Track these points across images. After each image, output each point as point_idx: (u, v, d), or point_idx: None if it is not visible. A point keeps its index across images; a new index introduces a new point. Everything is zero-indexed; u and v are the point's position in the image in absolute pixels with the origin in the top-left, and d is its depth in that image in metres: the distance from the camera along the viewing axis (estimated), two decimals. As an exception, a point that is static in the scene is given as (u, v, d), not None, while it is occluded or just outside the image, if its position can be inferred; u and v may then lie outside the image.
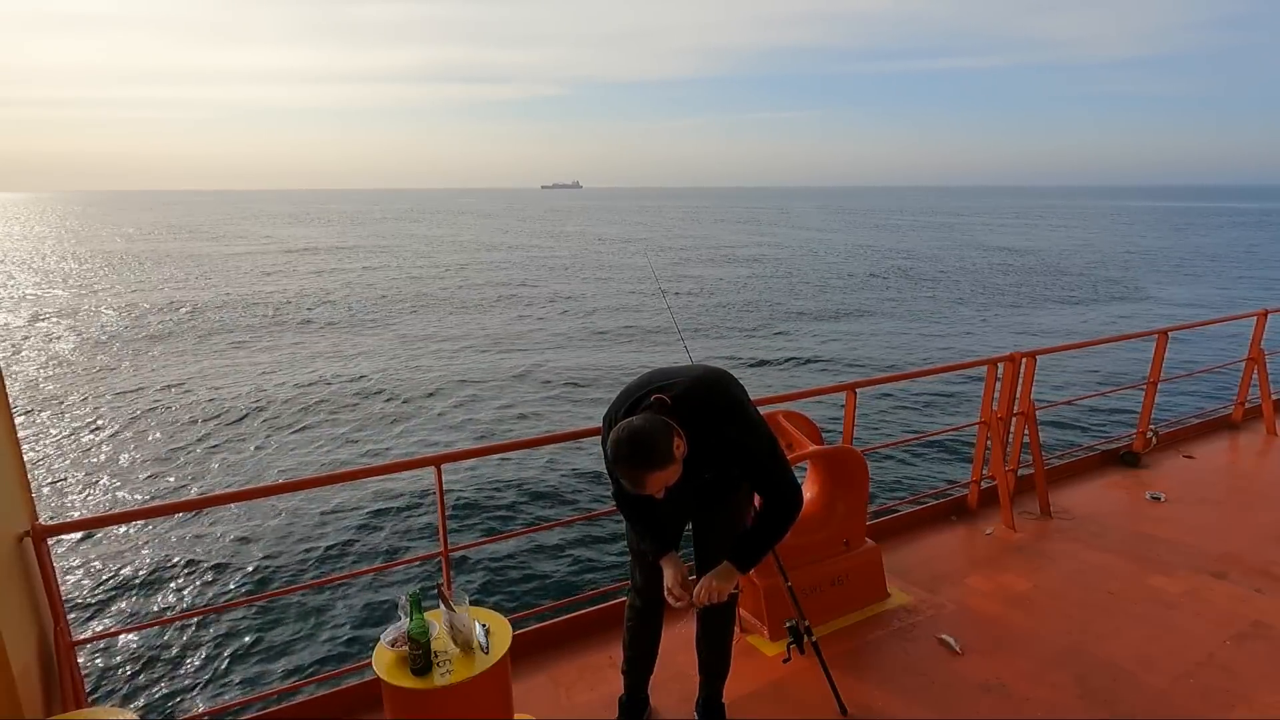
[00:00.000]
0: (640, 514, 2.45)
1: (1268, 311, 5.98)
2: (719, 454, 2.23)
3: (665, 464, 2.06)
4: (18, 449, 2.31)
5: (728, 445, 2.23)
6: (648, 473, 2.05)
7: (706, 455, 2.22)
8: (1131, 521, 4.42)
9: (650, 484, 2.07)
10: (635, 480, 2.06)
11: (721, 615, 2.63)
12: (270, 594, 3.41)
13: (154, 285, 29.99)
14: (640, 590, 2.64)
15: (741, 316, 21.92)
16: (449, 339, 19.09)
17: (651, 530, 2.45)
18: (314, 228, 74.15)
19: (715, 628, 2.65)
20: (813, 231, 63.02)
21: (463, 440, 11.53)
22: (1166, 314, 22.09)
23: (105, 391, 14.27)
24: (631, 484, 2.08)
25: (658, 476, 2.06)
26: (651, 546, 2.44)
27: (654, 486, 2.08)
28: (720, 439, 2.21)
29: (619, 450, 2.06)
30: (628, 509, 2.47)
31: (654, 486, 2.08)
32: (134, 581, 7.32)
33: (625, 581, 2.78)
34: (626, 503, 2.45)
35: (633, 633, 2.70)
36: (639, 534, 2.48)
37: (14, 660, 2.14)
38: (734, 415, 2.25)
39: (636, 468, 2.04)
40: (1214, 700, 2.87)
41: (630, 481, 2.07)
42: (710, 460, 2.24)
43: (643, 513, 2.44)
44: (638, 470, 2.05)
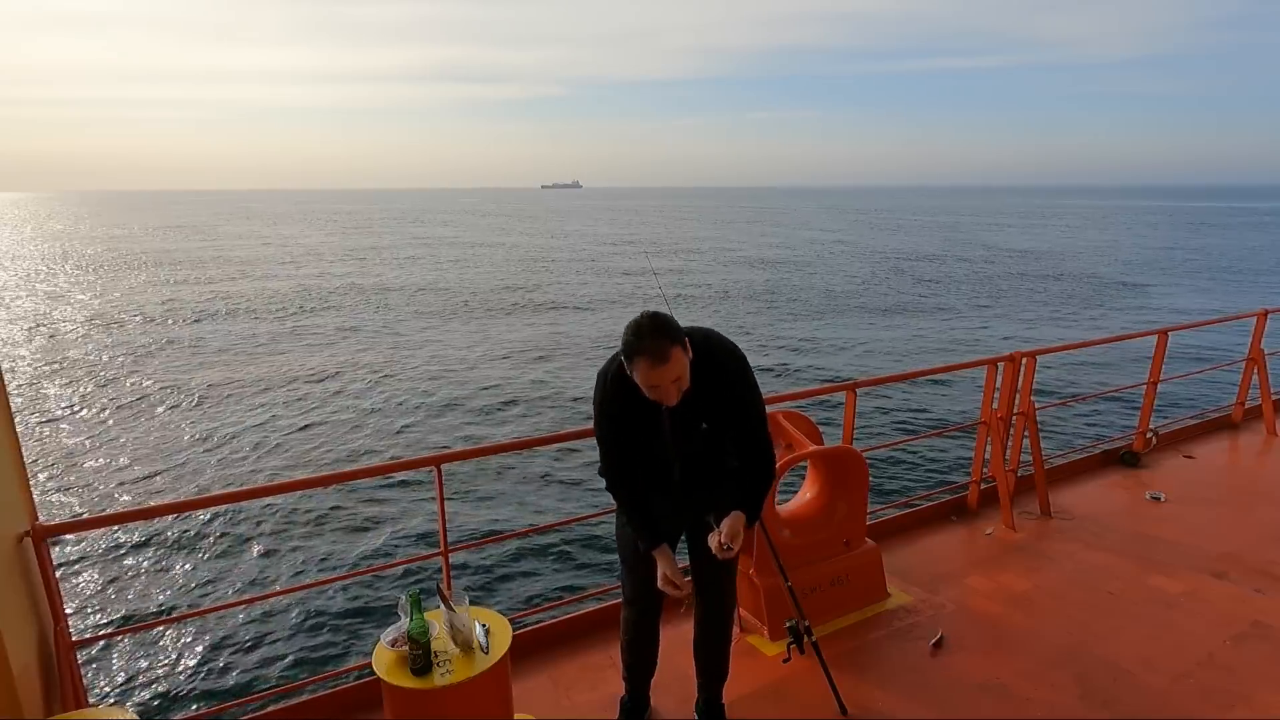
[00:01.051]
0: (638, 498, 2.40)
1: (1268, 311, 5.98)
2: (721, 405, 2.26)
3: (683, 347, 2.06)
4: (18, 449, 2.31)
5: (733, 399, 2.27)
6: (671, 345, 2.02)
7: (709, 404, 2.24)
8: (1131, 521, 4.42)
9: (671, 365, 2.03)
10: (658, 354, 2.01)
11: (719, 618, 2.63)
12: (270, 594, 3.41)
13: (154, 285, 29.99)
14: (633, 601, 2.63)
15: (742, 316, 21.91)
16: (449, 339, 19.09)
17: (649, 518, 2.39)
18: (315, 228, 74.17)
19: (713, 631, 2.65)
20: (813, 231, 63.03)
21: (463, 440, 11.53)
22: (1166, 314, 22.09)
23: (105, 391, 14.27)
24: (653, 360, 2.01)
25: (677, 358, 2.04)
26: (646, 536, 2.38)
27: (671, 373, 2.04)
28: (729, 392, 2.26)
29: (641, 328, 2.03)
30: (625, 491, 2.39)
31: (671, 373, 2.04)
32: (134, 581, 7.32)
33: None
34: (624, 484, 2.38)
35: (631, 642, 2.71)
36: (635, 522, 2.39)
37: (14, 660, 2.14)
38: (743, 373, 2.29)
39: (660, 338, 2.01)
40: (1214, 700, 2.87)
41: (653, 357, 2.01)
42: (711, 410, 2.26)
43: (640, 497, 2.39)
44: (661, 342, 2.01)
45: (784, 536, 3.29)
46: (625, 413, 2.28)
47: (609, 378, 2.27)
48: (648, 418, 2.27)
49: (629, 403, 2.24)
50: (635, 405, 2.23)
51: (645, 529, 2.39)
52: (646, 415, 2.26)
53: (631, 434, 2.32)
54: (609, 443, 2.37)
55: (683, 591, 2.34)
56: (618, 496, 2.44)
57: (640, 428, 2.30)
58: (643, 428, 2.30)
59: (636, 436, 2.33)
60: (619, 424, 2.31)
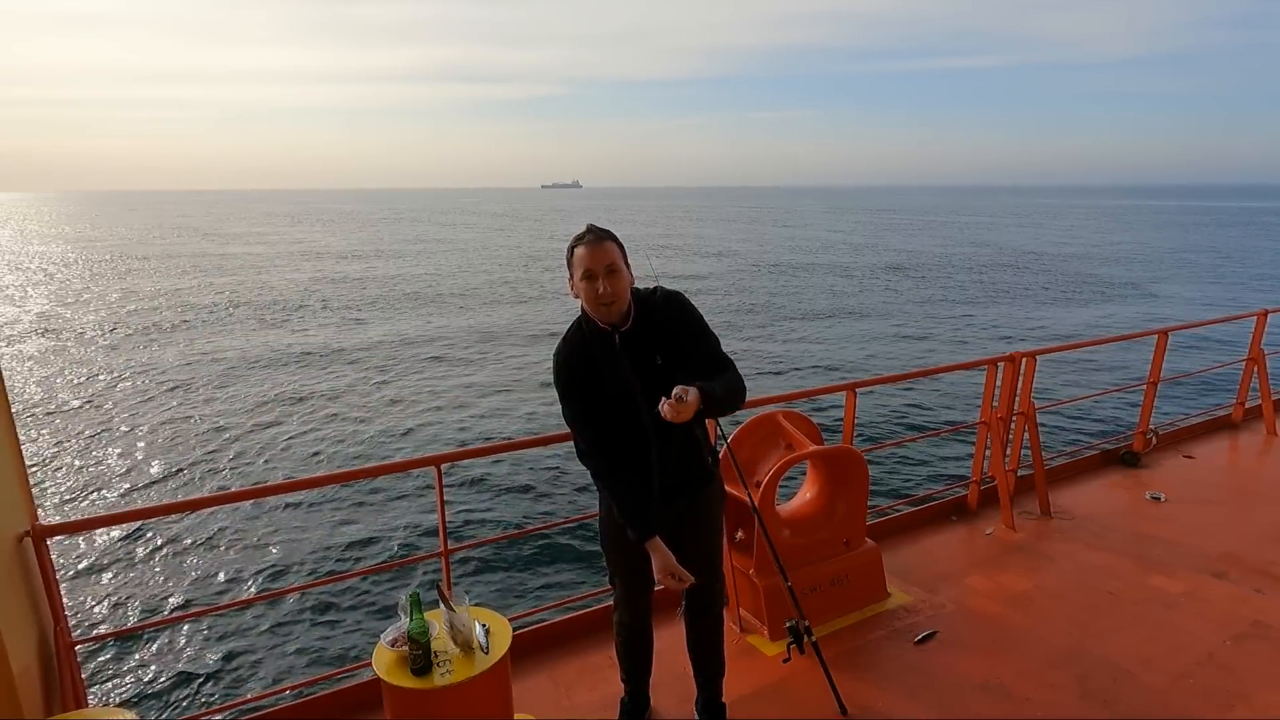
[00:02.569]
0: (623, 479, 2.32)
1: (1268, 311, 5.98)
2: (674, 335, 2.32)
3: (620, 248, 2.26)
4: (18, 449, 2.31)
5: (686, 332, 2.33)
6: (607, 237, 2.23)
7: (658, 336, 2.30)
8: (1131, 521, 4.42)
9: (606, 249, 2.20)
10: (595, 239, 2.21)
11: (710, 616, 2.64)
12: (270, 594, 3.41)
13: (154, 285, 29.99)
14: (624, 603, 2.63)
15: (742, 316, 21.92)
16: (449, 339, 19.09)
17: (640, 505, 2.32)
18: (316, 228, 74.17)
19: (707, 629, 2.65)
20: (815, 231, 63.02)
21: (463, 440, 11.53)
22: (1166, 314, 22.08)
23: (106, 391, 14.28)
24: (590, 245, 2.20)
25: (611, 247, 2.22)
26: (638, 525, 2.30)
27: (606, 255, 2.20)
28: (680, 320, 2.33)
29: (586, 228, 2.25)
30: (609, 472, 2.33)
31: (606, 255, 2.20)
32: (134, 581, 7.32)
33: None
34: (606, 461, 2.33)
35: (625, 644, 2.71)
36: (626, 510, 2.31)
37: (14, 660, 2.14)
38: (689, 308, 2.38)
39: (602, 230, 2.24)
40: (1214, 700, 2.87)
41: (590, 243, 2.21)
42: (665, 344, 2.30)
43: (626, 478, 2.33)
44: (599, 232, 2.23)
45: (784, 536, 3.29)
46: (586, 361, 2.31)
47: (564, 340, 2.36)
48: (608, 362, 2.29)
49: (587, 350, 2.30)
50: (593, 352, 2.30)
51: (637, 517, 2.31)
52: (605, 359, 2.30)
53: (597, 388, 2.30)
54: (581, 411, 2.33)
55: (685, 583, 2.31)
56: (605, 480, 2.36)
57: (603, 377, 2.29)
58: (606, 376, 2.29)
59: (603, 390, 2.30)
60: (582, 384, 2.31)
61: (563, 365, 2.32)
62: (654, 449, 2.36)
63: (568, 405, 2.36)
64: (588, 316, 2.31)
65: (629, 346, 2.29)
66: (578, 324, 2.35)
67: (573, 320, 2.39)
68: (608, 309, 2.23)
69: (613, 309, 2.24)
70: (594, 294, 2.21)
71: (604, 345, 2.29)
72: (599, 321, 2.29)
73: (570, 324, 2.38)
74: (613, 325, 2.28)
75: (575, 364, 2.31)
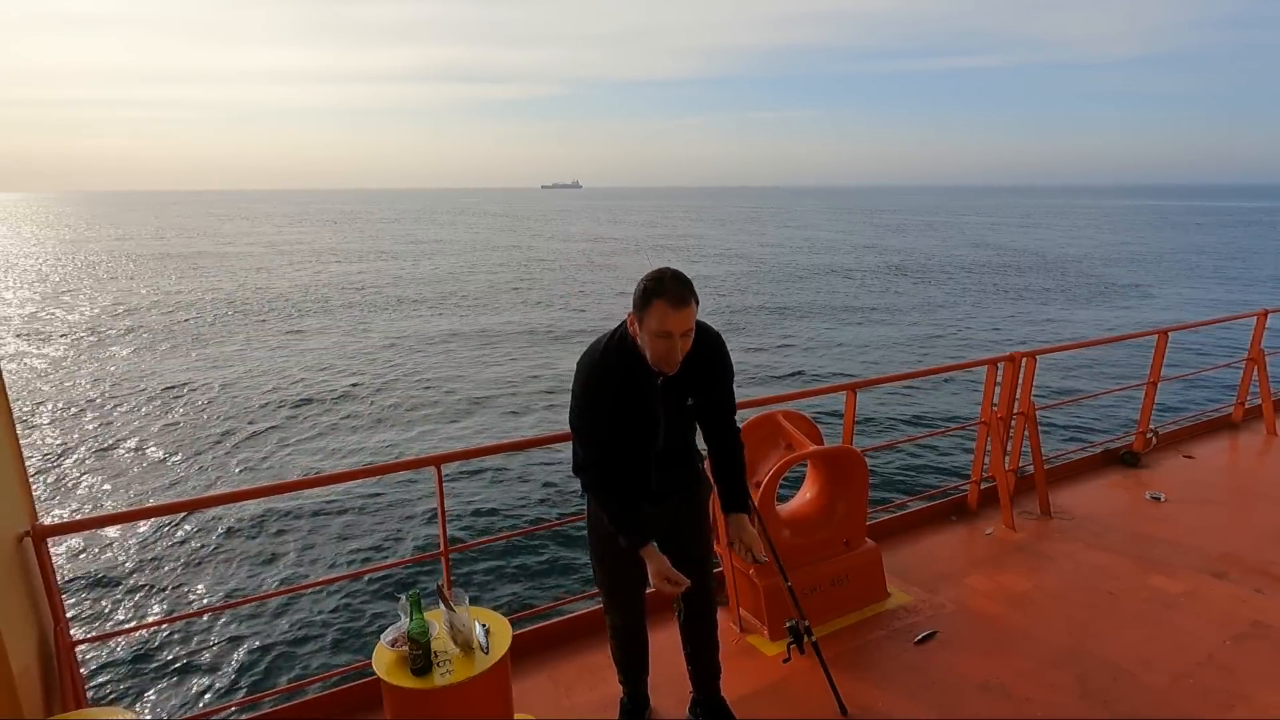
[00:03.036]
0: (620, 494, 2.32)
1: (1268, 311, 5.97)
2: (709, 381, 2.36)
3: (696, 304, 2.16)
4: (18, 449, 2.31)
5: (718, 379, 2.39)
6: (691, 294, 2.12)
7: (697, 380, 2.32)
8: (1131, 521, 4.42)
9: (686, 313, 2.11)
10: (679, 297, 2.09)
11: (707, 620, 2.64)
12: (270, 594, 3.41)
13: (154, 286, 30.00)
14: (616, 606, 2.63)
15: (743, 316, 21.91)
16: (449, 339, 19.09)
17: (634, 516, 2.32)
18: (316, 228, 74.18)
19: (704, 631, 2.65)
20: (816, 231, 63.01)
21: (463, 440, 11.53)
22: (1166, 314, 22.08)
23: (105, 392, 14.27)
24: (673, 303, 2.08)
25: (692, 309, 2.13)
26: (632, 534, 2.31)
27: (685, 321, 2.11)
28: (720, 367, 2.37)
29: (664, 274, 2.12)
30: (607, 488, 2.32)
31: (685, 321, 2.11)
32: (134, 581, 7.32)
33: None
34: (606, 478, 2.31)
35: (622, 648, 2.71)
36: (619, 519, 2.31)
37: (14, 660, 2.14)
38: (727, 355, 2.42)
39: (682, 285, 2.11)
40: (1214, 700, 2.87)
41: (673, 299, 2.08)
42: (699, 385, 2.34)
43: (623, 493, 2.33)
44: (683, 289, 2.10)
45: (784, 536, 3.29)
46: (622, 389, 2.24)
47: (602, 350, 2.26)
48: (640, 395, 2.26)
49: (626, 378, 2.24)
50: (630, 381, 2.24)
51: (631, 526, 2.31)
52: (639, 392, 2.26)
53: (623, 414, 2.26)
54: (597, 428, 2.28)
55: (681, 586, 2.30)
56: (599, 494, 2.35)
57: (632, 405, 2.27)
58: (635, 405, 2.27)
59: (627, 417, 2.27)
60: (612, 402, 2.24)
61: (596, 380, 2.26)
62: (652, 465, 2.39)
63: (585, 417, 2.30)
64: (635, 348, 2.22)
65: (667, 387, 2.28)
66: (621, 346, 2.25)
67: (613, 333, 2.29)
68: (666, 365, 2.19)
69: (671, 366, 2.19)
70: (661, 354, 2.15)
71: (644, 380, 2.26)
72: (649, 364, 2.22)
73: (609, 336, 2.29)
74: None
75: (608, 383, 2.24)
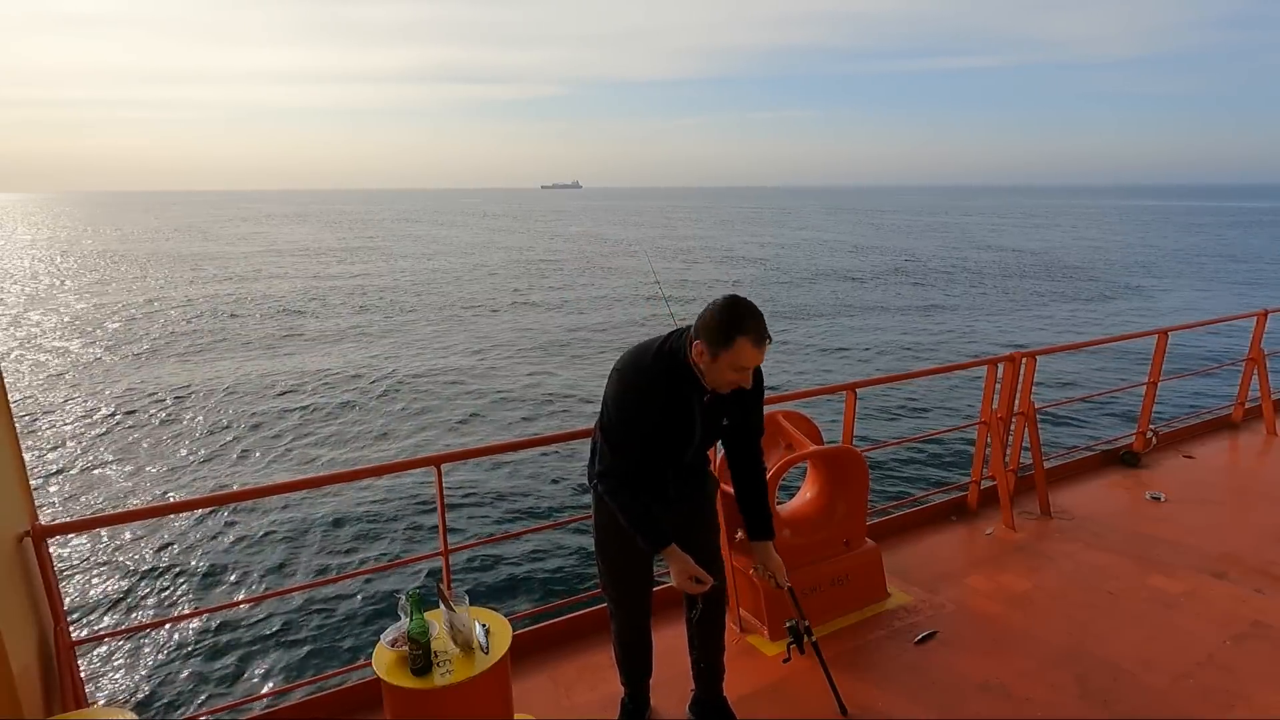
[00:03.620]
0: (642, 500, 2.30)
1: (1268, 311, 5.97)
2: (750, 403, 2.40)
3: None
4: (18, 449, 2.31)
5: (756, 398, 2.41)
6: (768, 337, 2.15)
7: (739, 401, 2.35)
8: (1131, 521, 4.42)
9: (765, 349, 2.14)
10: (763, 333, 2.12)
11: (717, 622, 2.64)
12: (270, 594, 3.41)
13: (154, 286, 30.00)
14: (623, 605, 2.63)
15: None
16: (449, 339, 19.10)
17: (655, 521, 2.31)
18: (316, 229, 74.18)
19: (714, 632, 2.65)
20: (815, 231, 63.02)
21: (463, 440, 11.53)
22: (1166, 314, 22.08)
23: (105, 392, 14.27)
24: (758, 340, 2.11)
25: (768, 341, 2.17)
26: (653, 537, 2.30)
27: (761, 358, 2.16)
28: (759, 390, 2.40)
29: (748, 306, 2.12)
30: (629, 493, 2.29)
31: (761, 358, 2.16)
32: (134, 581, 7.32)
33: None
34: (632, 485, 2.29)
35: (625, 645, 2.71)
36: (641, 521, 2.29)
37: (14, 660, 2.14)
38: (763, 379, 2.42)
39: (763, 320, 2.14)
40: (1214, 700, 2.87)
41: (759, 336, 2.11)
42: (739, 406, 2.37)
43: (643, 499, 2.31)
44: (764, 326, 2.13)
45: (784, 536, 3.29)
46: (668, 403, 2.24)
47: (651, 361, 2.24)
48: (684, 410, 2.28)
49: (674, 392, 2.24)
50: (677, 396, 2.25)
51: (653, 528, 2.30)
52: (684, 407, 2.27)
53: (663, 426, 2.27)
54: (635, 438, 2.26)
55: (705, 585, 2.32)
56: (620, 497, 2.31)
57: (674, 420, 2.28)
58: (677, 420, 2.29)
59: (666, 429, 2.28)
60: (655, 415, 2.23)
61: (642, 391, 2.23)
62: (674, 475, 2.44)
63: (624, 426, 2.26)
64: (690, 363, 2.21)
65: (711, 405, 2.31)
66: (674, 360, 2.23)
67: (660, 344, 2.27)
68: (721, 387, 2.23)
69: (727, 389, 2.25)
70: (727, 383, 2.19)
71: (691, 396, 2.27)
72: (701, 381, 2.24)
73: (657, 347, 2.27)
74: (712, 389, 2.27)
75: (655, 396, 2.23)
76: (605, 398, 2.32)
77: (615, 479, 2.31)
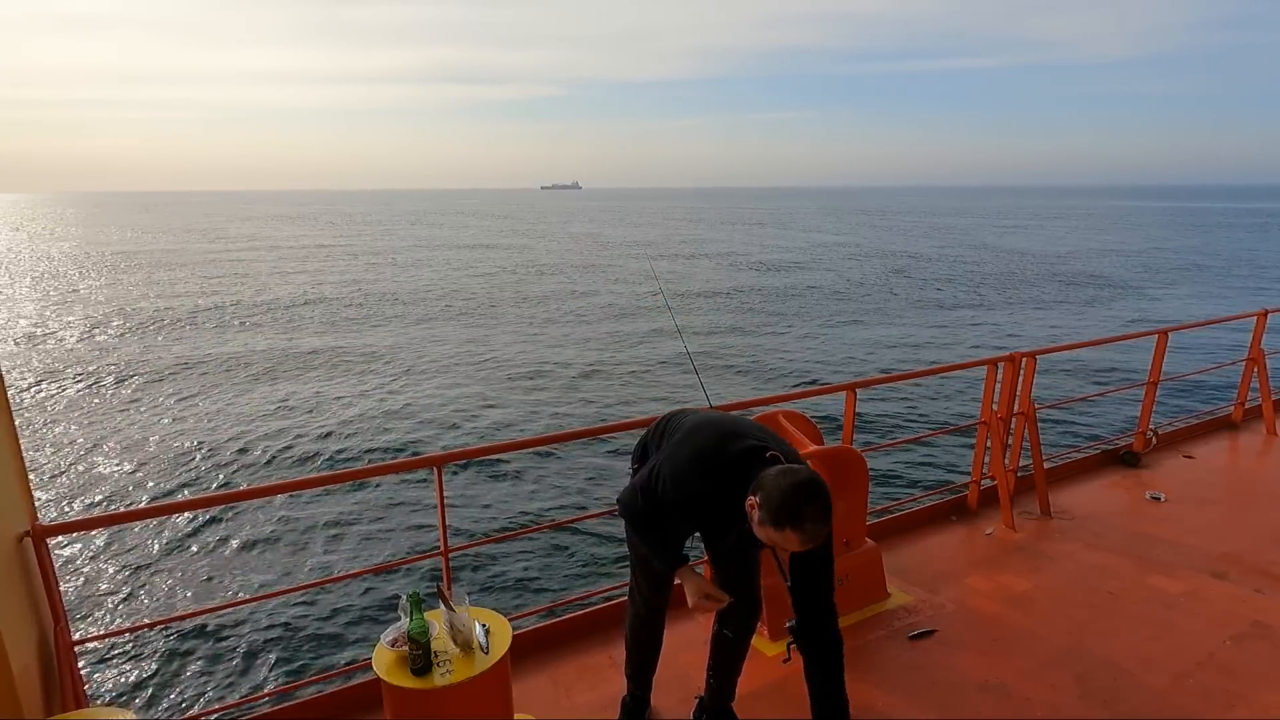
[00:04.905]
0: (659, 533, 2.28)
1: (1268, 311, 5.98)
2: (809, 565, 2.15)
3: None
4: (18, 449, 2.31)
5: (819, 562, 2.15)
6: (828, 528, 1.94)
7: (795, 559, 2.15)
8: (1131, 521, 4.42)
9: (819, 539, 1.94)
10: (815, 538, 1.90)
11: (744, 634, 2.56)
12: (270, 594, 3.41)
13: (154, 287, 30.00)
14: (647, 598, 2.60)
15: (743, 317, 21.91)
16: (448, 339, 19.09)
17: (668, 546, 2.30)
18: (316, 229, 74.16)
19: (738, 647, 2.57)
20: (812, 232, 63.03)
21: (463, 440, 11.53)
22: (1166, 314, 22.09)
23: (106, 392, 14.27)
24: (807, 540, 1.90)
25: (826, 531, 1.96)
26: (665, 561, 2.30)
27: (816, 543, 1.95)
28: (823, 553, 2.15)
29: (810, 503, 1.88)
30: (646, 527, 2.27)
31: (816, 543, 1.95)
32: (134, 581, 7.32)
33: (626, 582, 2.75)
34: (646, 522, 2.26)
35: (637, 638, 2.70)
36: (653, 551, 2.32)
37: (14, 660, 2.14)
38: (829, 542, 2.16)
39: (824, 521, 1.91)
40: (1214, 700, 2.87)
41: (807, 537, 1.89)
42: (795, 562, 2.17)
43: (662, 531, 2.28)
44: (822, 527, 1.91)
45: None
46: (713, 519, 2.20)
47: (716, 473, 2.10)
48: (719, 527, 2.23)
49: (721, 513, 2.13)
50: (723, 518, 2.14)
51: (666, 551, 2.29)
52: (721, 524, 2.20)
53: (701, 525, 2.27)
54: (666, 519, 2.21)
55: (721, 603, 2.27)
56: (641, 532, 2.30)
57: (714, 529, 2.26)
58: (716, 531, 2.27)
59: (704, 527, 2.29)
60: (697, 522, 2.24)
61: (691, 499, 2.13)
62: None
63: (660, 509, 2.18)
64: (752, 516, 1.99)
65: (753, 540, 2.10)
66: (734, 483, 2.05)
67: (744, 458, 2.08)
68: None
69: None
70: (776, 547, 2.01)
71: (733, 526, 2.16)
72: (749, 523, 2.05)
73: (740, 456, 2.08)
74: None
75: (702, 507, 2.16)
76: (671, 455, 2.20)
77: (636, 519, 2.29)
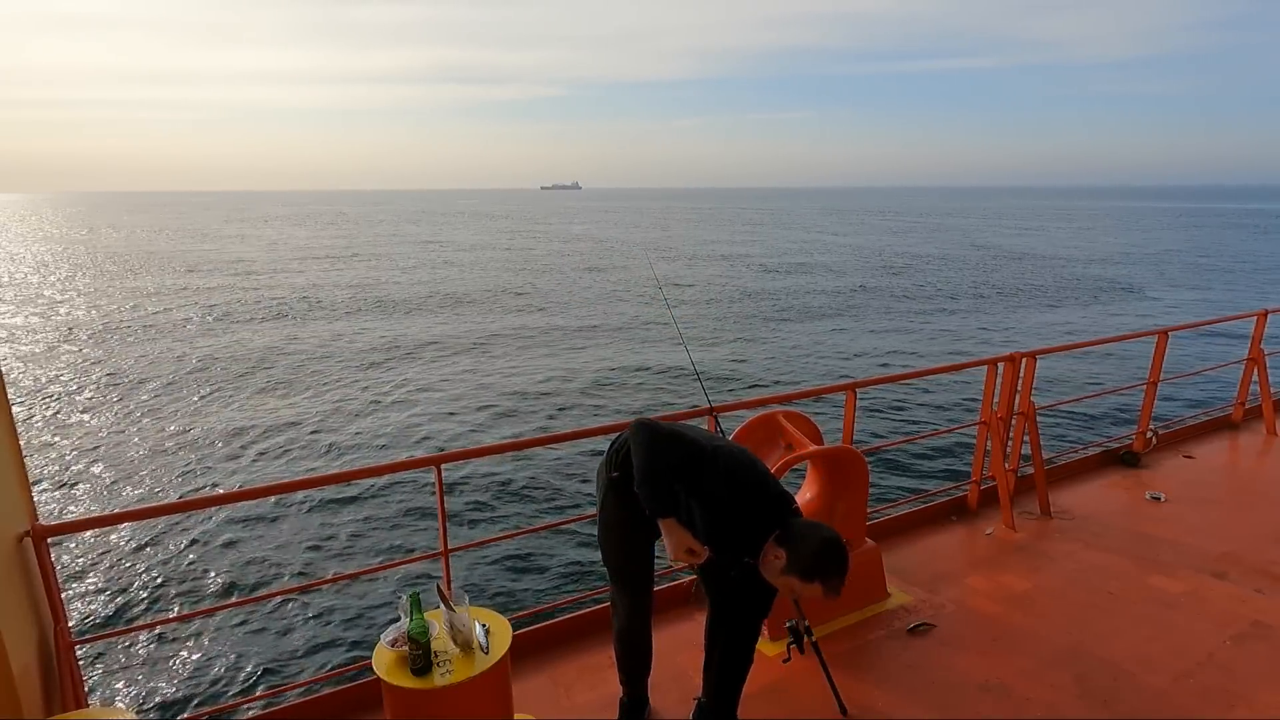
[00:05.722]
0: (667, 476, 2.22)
1: (1268, 311, 5.98)
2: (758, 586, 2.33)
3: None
4: (18, 449, 2.31)
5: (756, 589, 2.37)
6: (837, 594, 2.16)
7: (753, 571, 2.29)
8: (1131, 521, 4.42)
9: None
10: (837, 590, 2.13)
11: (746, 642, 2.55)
12: (270, 594, 3.41)
13: (153, 287, 30.00)
14: (628, 609, 2.60)
15: (743, 317, 21.91)
16: (448, 340, 19.09)
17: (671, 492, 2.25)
18: (315, 229, 74.15)
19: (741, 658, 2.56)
20: (811, 232, 63.04)
21: (463, 440, 11.53)
22: (1166, 314, 22.09)
23: (105, 392, 14.27)
24: (826, 594, 2.13)
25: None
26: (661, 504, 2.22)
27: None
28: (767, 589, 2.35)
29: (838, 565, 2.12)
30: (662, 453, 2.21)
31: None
32: (134, 581, 7.32)
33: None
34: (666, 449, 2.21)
35: (626, 645, 2.70)
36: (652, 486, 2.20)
37: (14, 660, 2.14)
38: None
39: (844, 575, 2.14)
40: (1214, 700, 2.87)
41: (828, 591, 2.13)
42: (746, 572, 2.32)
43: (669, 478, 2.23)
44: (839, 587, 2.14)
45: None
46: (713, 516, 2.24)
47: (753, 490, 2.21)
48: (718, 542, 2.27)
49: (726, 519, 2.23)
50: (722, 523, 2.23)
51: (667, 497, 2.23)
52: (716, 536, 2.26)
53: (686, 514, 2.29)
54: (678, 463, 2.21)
55: (701, 557, 2.23)
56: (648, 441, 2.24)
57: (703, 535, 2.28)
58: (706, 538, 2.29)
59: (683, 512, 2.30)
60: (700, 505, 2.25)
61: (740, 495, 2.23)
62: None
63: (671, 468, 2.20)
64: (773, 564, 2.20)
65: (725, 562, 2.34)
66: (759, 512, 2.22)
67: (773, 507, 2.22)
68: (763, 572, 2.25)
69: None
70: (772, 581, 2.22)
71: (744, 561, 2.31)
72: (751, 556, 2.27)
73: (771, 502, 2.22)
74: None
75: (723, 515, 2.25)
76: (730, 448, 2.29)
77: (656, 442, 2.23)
